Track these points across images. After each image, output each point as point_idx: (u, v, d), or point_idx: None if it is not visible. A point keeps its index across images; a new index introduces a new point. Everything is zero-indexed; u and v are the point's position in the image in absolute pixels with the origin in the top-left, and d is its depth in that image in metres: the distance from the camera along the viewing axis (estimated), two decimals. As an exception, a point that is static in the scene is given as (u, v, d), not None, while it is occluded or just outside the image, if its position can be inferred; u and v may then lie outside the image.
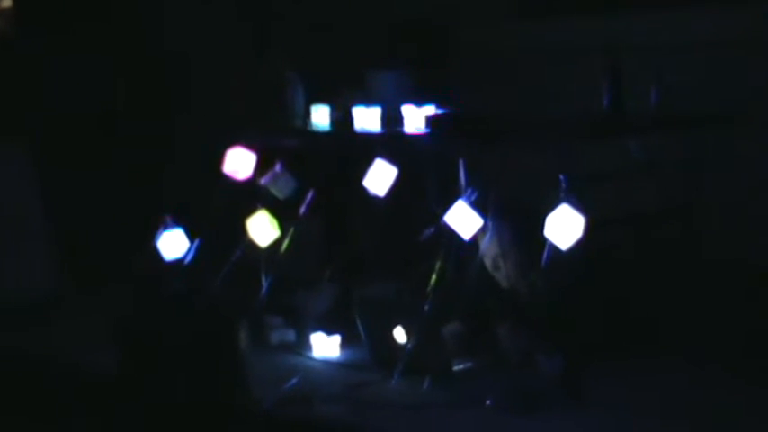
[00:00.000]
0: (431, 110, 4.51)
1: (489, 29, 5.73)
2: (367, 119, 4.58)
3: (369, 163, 4.50)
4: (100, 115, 6.21)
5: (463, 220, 4.19)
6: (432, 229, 4.43)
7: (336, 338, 4.83)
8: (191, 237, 4.93)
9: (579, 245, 3.92)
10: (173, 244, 4.91)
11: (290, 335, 5.01)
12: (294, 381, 4.37)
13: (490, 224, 4.35)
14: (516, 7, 5.69)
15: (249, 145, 4.85)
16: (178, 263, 4.90)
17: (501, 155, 4.44)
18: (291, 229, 4.92)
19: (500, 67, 5.54)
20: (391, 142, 4.54)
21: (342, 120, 4.68)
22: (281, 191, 4.92)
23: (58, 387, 4.60)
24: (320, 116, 4.75)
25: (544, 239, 3.97)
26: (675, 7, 5.18)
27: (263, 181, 4.91)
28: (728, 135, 4.69)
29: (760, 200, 4.95)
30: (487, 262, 4.52)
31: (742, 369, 4.22)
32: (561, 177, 4.00)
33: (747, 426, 3.82)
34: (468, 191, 4.24)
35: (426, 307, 4.31)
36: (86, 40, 6.22)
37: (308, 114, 4.82)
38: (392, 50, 5.73)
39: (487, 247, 4.46)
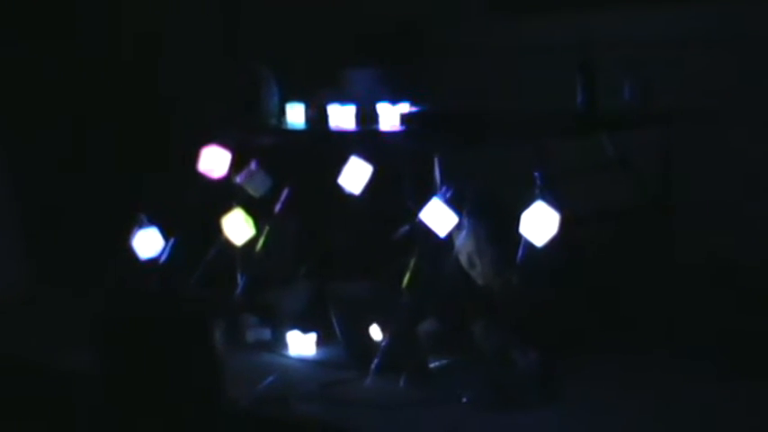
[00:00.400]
0: (406, 107, 4.51)
1: (463, 26, 5.73)
2: (342, 117, 4.57)
3: (344, 161, 4.50)
4: (75, 116, 6.19)
5: (438, 217, 4.20)
6: (407, 227, 4.44)
7: (312, 336, 4.82)
8: (166, 235, 4.93)
9: (554, 241, 3.93)
10: (148, 243, 4.90)
11: (266, 333, 5.00)
12: (270, 379, 4.36)
13: (466, 221, 4.35)
14: (489, 4, 5.69)
15: (224, 143, 4.84)
16: (153, 262, 4.89)
17: (476, 152, 4.45)
18: (267, 228, 4.92)
19: (475, 64, 5.54)
20: (366, 140, 4.54)
21: (317, 118, 4.67)
22: (256, 189, 4.92)
23: (31, 387, 4.58)
24: (295, 114, 4.75)
25: (519, 237, 3.98)
26: (650, 3, 5.19)
27: (238, 179, 4.90)
28: (703, 131, 4.71)
29: (735, 196, 4.97)
30: (463, 259, 4.53)
31: (716, 364, 4.23)
32: (536, 174, 4.01)
33: (722, 421, 3.84)
34: (444, 188, 4.24)
35: (402, 305, 4.31)
36: (59, 43, 6.19)
37: (282, 112, 4.82)
38: (366, 49, 5.72)
39: (463, 245, 4.47)
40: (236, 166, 4.88)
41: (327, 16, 5.97)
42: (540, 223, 3.94)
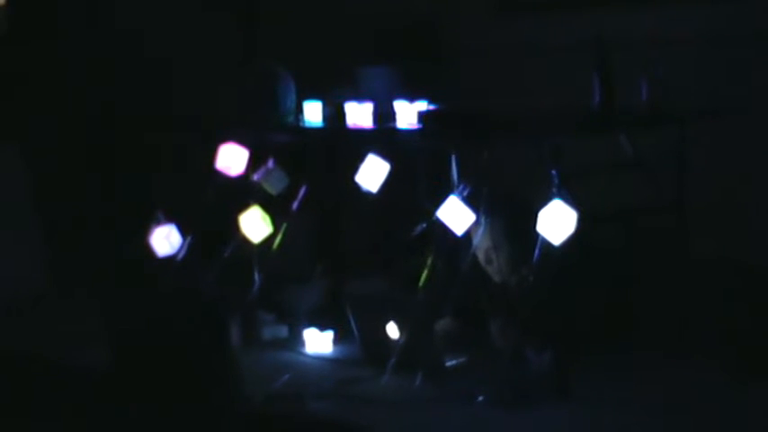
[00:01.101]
0: (423, 105, 4.51)
1: (476, 26, 5.72)
2: (359, 115, 4.57)
3: (361, 159, 4.50)
4: (93, 115, 6.21)
5: (456, 215, 4.19)
6: (424, 225, 4.44)
7: (329, 334, 4.83)
8: (183, 233, 4.94)
9: (571, 240, 3.92)
10: (165, 240, 4.91)
11: (283, 331, 5.01)
12: (286, 377, 4.37)
13: (483, 218, 4.34)
14: (500, 4, 5.68)
15: (241, 141, 4.85)
16: (170, 259, 4.90)
17: (493, 150, 4.44)
18: (284, 225, 4.92)
19: (491, 62, 5.53)
20: (383, 138, 4.53)
21: (334, 116, 4.67)
22: (273, 187, 4.92)
23: (47, 386, 4.59)
24: (312, 112, 4.75)
25: (536, 233, 3.97)
26: (666, 1, 5.18)
27: (255, 177, 4.91)
28: (718, 131, 4.69)
29: (750, 196, 4.96)
30: (480, 255, 4.53)
31: (728, 364, 4.22)
32: (553, 172, 4.01)
33: (734, 421, 3.83)
34: (461, 186, 4.24)
35: (418, 303, 4.31)
36: (78, 42, 6.21)
37: (299, 110, 4.82)
38: (383, 47, 5.72)
39: (480, 241, 4.46)
40: (253, 163, 4.89)
41: (344, 14, 5.97)
42: (557, 222, 3.93)
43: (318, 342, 4.82)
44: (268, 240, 4.90)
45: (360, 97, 4.62)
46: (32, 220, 5.99)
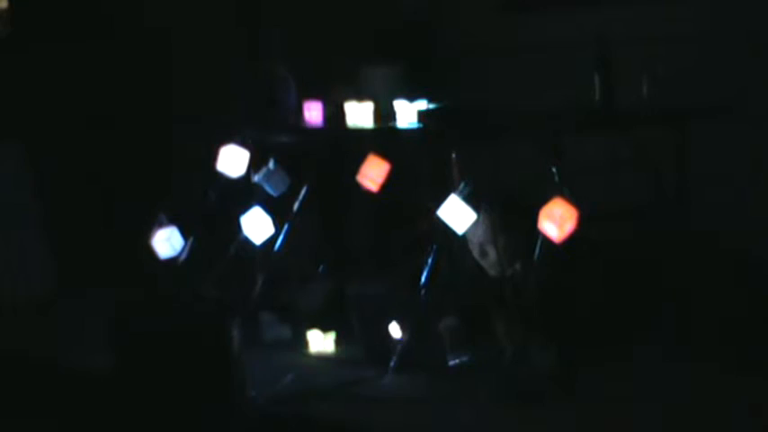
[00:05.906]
0: (423, 105, 4.51)
1: (477, 25, 5.72)
2: (359, 114, 4.57)
3: (362, 158, 4.50)
4: (96, 116, 6.22)
5: (457, 214, 4.19)
6: (425, 224, 4.43)
7: (331, 335, 4.82)
8: (185, 235, 4.94)
9: (571, 238, 3.92)
10: (167, 242, 4.92)
11: (285, 332, 5.01)
12: (289, 378, 4.37)
13: (480, 213, 4.34)
14: (503, 3, 5.68)
15: (242, 142, 4.86)
16: (172, 261, 4.90)
17: (493, 149, 4.44)
18: (285, 226, 4.92)
19: (491, 61, 5.53)
20: (384, 137, 4.54)
21: (334, 116, 4.67)
22: (274, 187, 4.93)
23: (54, 386, 4.60)
24: (313, 112, 4.75)
25: (531, 227, 3.97)
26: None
27: (256, 178, 4.91)
28: (719, 128, 4.69)
29: (752, 194, 4.95)
30: (474, 249, 4.51)
31: (733, 361, 4.21)
32: (554, 170, 4.01)
33: (741, 418, 3.82)
34: (461, 185, 4.24)
35: (421, 302, 4.30)
36: (82, 43, 6.22)
37: (300, 111, 4.82)
38: (383, 46, 5.72)
39: (474, 234, 4.45)
40: (254, 164, 4.89)
41: (344, 14, 5.97)
42: (557, 220, 3.93)
43: (321, 342, 4.82)
44: (271, 241, 4.90)
45: (360, 97, 4.62)
46: (40, 221, 5.99)
